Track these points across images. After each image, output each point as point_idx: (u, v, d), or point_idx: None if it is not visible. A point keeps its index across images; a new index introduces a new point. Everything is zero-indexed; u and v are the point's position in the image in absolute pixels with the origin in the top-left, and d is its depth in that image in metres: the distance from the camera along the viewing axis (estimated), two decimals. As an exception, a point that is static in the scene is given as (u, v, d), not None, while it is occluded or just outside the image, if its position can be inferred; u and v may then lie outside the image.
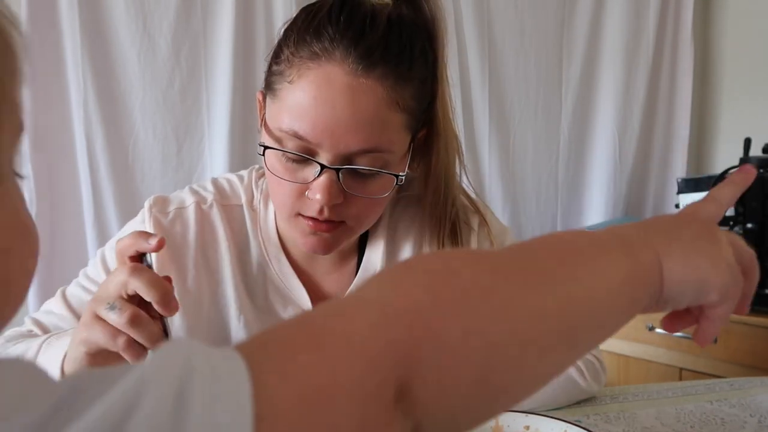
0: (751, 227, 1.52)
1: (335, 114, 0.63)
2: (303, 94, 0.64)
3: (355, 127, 0.63)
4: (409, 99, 0.67)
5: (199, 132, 1.57)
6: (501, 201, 1.93)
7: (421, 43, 0.69)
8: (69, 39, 1.44)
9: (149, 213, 0.76)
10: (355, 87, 0.63)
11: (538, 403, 0.81)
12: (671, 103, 2.10)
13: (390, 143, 0.67)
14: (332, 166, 0.65)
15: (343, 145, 0.64)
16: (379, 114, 0.64)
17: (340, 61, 0.63)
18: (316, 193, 0.66)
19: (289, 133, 0.65)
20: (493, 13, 1.87)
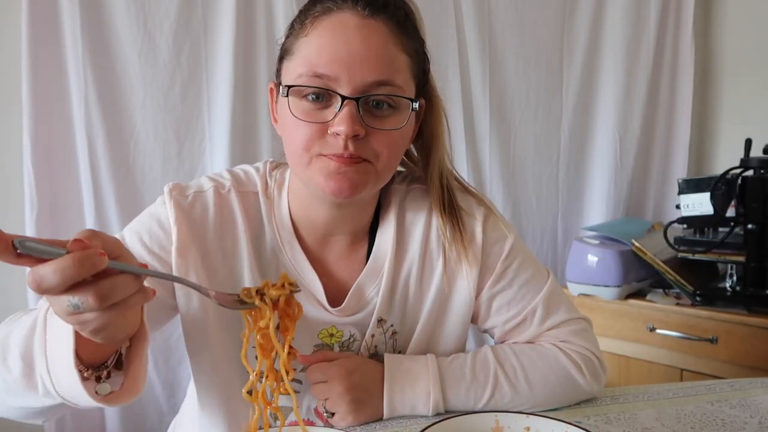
0: (751, 228, 1.52)
1: (350, 49, 0.69)
2: (319, 38, 0.71)
3: (368, 60, 0.70)
4: (411, 48, 0.75)
5: (199, 132, 1.57)
6: (501, 201, 1.93)
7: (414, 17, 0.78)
8: (70, 39, 1.44)
9: (169, 196, 0.78)
10: (365, 26, 0.71)
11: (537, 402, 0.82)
12: (672, 103, 2.10)
13: (400, 78, 0.72)
14: (352, 97, 0.69)
15: (359, 76, 0.70)
16: (389, 49, 0.72)
17: (350, 8, 0.71)
18: (339, 125, 0.69)
19: (309, 75, 0.70)
20: (493, 14, 1.87)
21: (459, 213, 0.85)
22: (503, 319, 0.87)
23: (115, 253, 0.52)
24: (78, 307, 0.50)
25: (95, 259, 0.49)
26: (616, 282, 1.66)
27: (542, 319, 0.86)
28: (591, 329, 0.90)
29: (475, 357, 0.84)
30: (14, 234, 0.51)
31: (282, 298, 0.62)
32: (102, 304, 0.50)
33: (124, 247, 0.54)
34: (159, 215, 0.79)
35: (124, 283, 0.52)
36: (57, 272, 0.48)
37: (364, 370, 0.80)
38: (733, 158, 1.60)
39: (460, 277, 0.85)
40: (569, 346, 0.85)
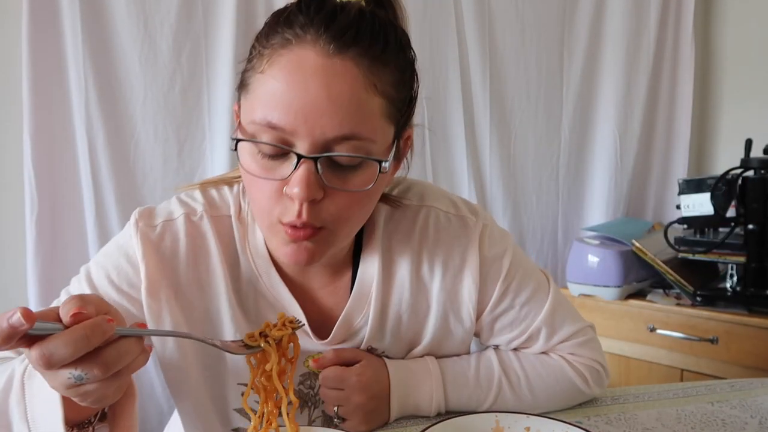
0: (751, 228, 1.52)
1: (309, 97, 0.59)
2: (275, 81, 0.60)
3: (330, 110, 0.59)
4: (388, 85, 0.63)
5: (200, 133, 1.57)
6: (502, 201, 1.93)
7: (396, 36, 0.65)
8: (70, 40, 1.44)
9: (135, 228, 0.72)
10: (328, 67, 0.59)
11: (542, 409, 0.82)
12: (672, 103, 2.10)
13: (370, 130, 0.62)
14: (309, 156, 0.60)
15: (319, 130, 0.59)
16: (356, 96, 0.60)
17: (312, 43, 0.60)
18: (294, 186, 0.60)
19: (262, 124, 0.60)
20: (494, 13, 1.87)
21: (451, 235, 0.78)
22: (507, 339, 0.84)
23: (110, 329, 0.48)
24: (81, 378, 0.47)
25: (104, 326, 0.47)
26: (616, 282, 1.66)
27: (548, 337, 0.82)
28: (596, 337, 0.88)
29: (479, 361, 0.82)
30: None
31: (285, 338, 0.61)
32: (107, 373, 0.47)
33: (111, 306, 0.52)
34: (127, 249, 0.72)
35: (128, 347, 0.49)
36: (68, 345, 0.45)
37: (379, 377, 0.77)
38: (734, 158, 1.60)
39: (457, 301, 0.79)
40: (576, 359, 0.84)
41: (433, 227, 0.78)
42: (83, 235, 1.50)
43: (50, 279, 1.46)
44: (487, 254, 0.78)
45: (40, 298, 1.45)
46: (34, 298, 1.44)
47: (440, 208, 0.79)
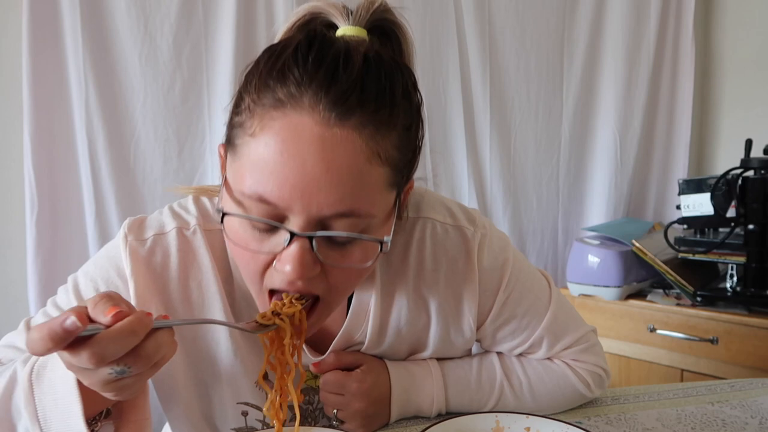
0: (751, 228, 1.52)
1: (305, 171, 0.53)
2: (267, 149, 0.54)
3: (328, 186, 0.53)
4: (392, 149, 0.57)
5: (200, 134, 1.57)
6: (502, 201, 1.93)
7: (403, 83, 0.59)
8: (70, 40, 1.44)
9: (125, 242, 0.69)
10: (327, 139, 0.53)
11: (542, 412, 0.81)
12: (672, 103, 2.10)
13: (371, 204, 0.57)
14: (304, 234, 0.55)
15: (315, 207, 0.54)
16: (357, 169, 0.54)
17: (309, 109, 0.53)
18: (285, 264, 0.56)
19: (252, 197, 0.55)
20: (494, 13, 1.87)
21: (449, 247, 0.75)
22: (509, 347, 0.83)
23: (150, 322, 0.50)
24: (124, 372, 0.48)
25: (146, 320, 0.48)
26: (616, 282, 1.66)
27: (550, 345, 0.82)
28: (598, 341, 0.87)
29: (481, 364, 0.82)
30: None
31: (296, 314, 0.60)
32: (148, 365, 0.48)
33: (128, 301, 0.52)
34: (117, 261, 0.69)
35: (164, 338, 0.50)
36: (117, 342, 0.46)
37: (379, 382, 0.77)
38: (734, 159, 1.60)
39: (457, 314, 0.77)
40: (579, 365, 0.83)
41: (430, 239, 0.74)
42: (83, 235, 1.50)
43: (50, 279, 1.46)
44: (486, 265, 0.75)
45: (40, 298, 1.45)
46: (35, 297, 1.44)
47: (437, 219, 0.75)
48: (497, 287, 0.77)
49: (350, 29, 0.62)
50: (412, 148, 0.62)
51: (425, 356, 0.80)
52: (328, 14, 0.64)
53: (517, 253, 0.80)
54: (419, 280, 0.75)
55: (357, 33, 0.62)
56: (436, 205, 0.77)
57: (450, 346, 0.79)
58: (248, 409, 0.74)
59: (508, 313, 0.79)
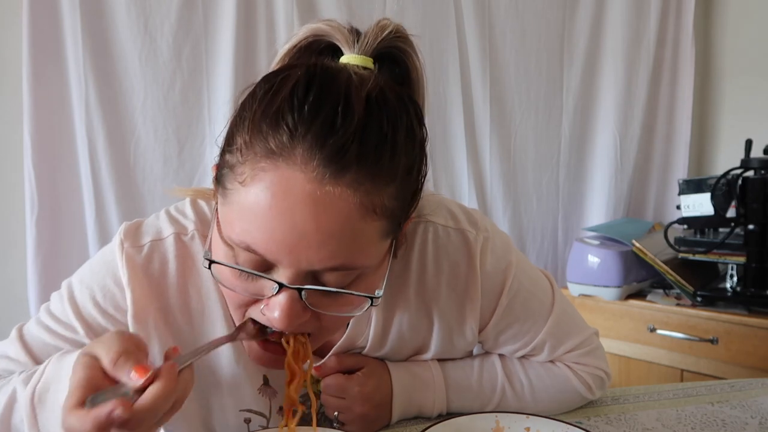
0: (752, 228, 1.52)
1: (294, 228, 0.51)
2: (256, 201, 0.52)
3: (318, 244, 0.52)
4: (390, 200, 0.54)
5: (200, 133, 1.57)
6: (502, 202, 1.93)
7: (407, 123, 0.56)
8: (70, 40, 1.44)
9: (121, 249, 0.67)
10: (319, 197, 0.50)
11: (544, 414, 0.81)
12: (672, 103, 2.10)
13: (363, 258, 0.55)
14: (292, 286, 0.54)
15: (305, 262, 0.53)
16: (350, 228, 0.52)
17: (302, 165, 0.50)
18: (274, 311, 0.55)
19: (240, 245, 0.54)
20: (494, 14, 1.87)
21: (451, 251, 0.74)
22: (511, 350, 0.82)
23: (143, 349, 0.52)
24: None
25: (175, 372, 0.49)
26: (616, 282, 1.66)
27: (552, 349, 0.81)
28: (600, 344, 0.87)
29: (482, 365, 0.81)
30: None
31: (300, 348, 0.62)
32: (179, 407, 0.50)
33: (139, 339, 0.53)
34: (114, 269, 0.67)
35: (188, 376, 0.51)
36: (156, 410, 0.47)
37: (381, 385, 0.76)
38: (734, 159, 1.60)
39: (460, 318, 0.76)
40: (581, 368, 0.83)
41: (432, 244, 0.73)
42: (83, 235, 1.50)
43: (50, 279, 1.46)
44: (488, 269, 0.74)
45: (40, 298, 1.45)
46: (35, 297, 1.44)
47: (438, 222, 0.74)
48: (500, 291, 0.75)
49: (355, 58, 0.59)
50: (412, 190, 0.59)
51: (426, 358, 0.80)
52: (332, 38, 0.61)
53: (520, 256, 0.79)
54: (421, 284, 0.74)
55: (362, 62, 0.59)
56: (437, 208, 0.76)
57: (452, 348, 0.79)
58: (251, 416, 0.74)
59: (511, 317, 0.78)
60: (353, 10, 1.68)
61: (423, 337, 0.77)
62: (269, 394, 0.74)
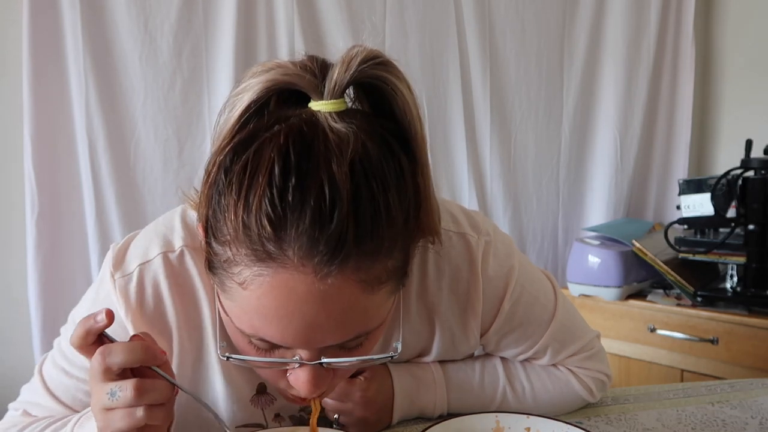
0: (752, 228, 1.52)
1: (305, 321, 0.51)
2: (261, 305, 0.51)
3: (332, 329, 0.53)
4: (393, 262, 0.54)
5: (200, 134, 1.57)
6: (502, 202, 1.93)
7: (395, 167, 0.53)
8: (71, 40, 1.44)
9: (113, 283, 0.66)
10: (324, 292, 0.50)
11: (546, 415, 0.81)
12: (672, 104, 2.10)
13: (376, 321, 0.56)
14: (312, 363, 0.55)
15: (321, 343, 0.54)
16: (360, 306, 0.53)
17: (300, 266, 0.49)
18: (298, 382, 0.57)
19: (254, 336, 0.55)
20: (494, 14, 1.87)
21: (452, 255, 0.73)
22: (513, 353, 0.82)
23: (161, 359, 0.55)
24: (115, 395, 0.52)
25: (157, 352, 0.54)
26: (616, 283, 1.66)
27: (555, 353, 0.80)
28: (602, 347, 0.86)
29: (484, 368, 0.81)
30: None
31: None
32: (138, 399, 0.52)
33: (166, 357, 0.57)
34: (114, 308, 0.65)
35: (162, 387, 0.54)
36: (125, 352, 0.53)
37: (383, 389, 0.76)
38: (734, 159, 1.60)
39: (462, 322, 0.75)
40: (583, 372, 0.83)
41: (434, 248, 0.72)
42: (83, 235, 1.50)
43: (50, 279, 1.46)
44: (490, 274, 0.73)
45: (40, 298, 1.45)
46: (35, 298, 1.44)
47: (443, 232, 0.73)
48: (502, 295, 0.75)
49: (325, 105, 0.53)
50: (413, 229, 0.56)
51: (428, 361, 0.79)
52: (295, 86, 0.54)
53: (522, 259, 0.78)
54: (422, 288, 0.73)
55: (334, 108, 0.53)
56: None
57: (453, 352, 0.79)
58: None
59: (513, 322, 0.77)
60: (353, 10, 1.68)
61: (425, 341, 0.77)
62: (263, 403, 0.74)
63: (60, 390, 0.70)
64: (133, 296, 0.66)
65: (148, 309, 0.67)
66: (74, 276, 1.50)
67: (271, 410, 0.74)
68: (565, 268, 1.80)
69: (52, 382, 0.70)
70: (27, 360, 1.47)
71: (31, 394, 0.72)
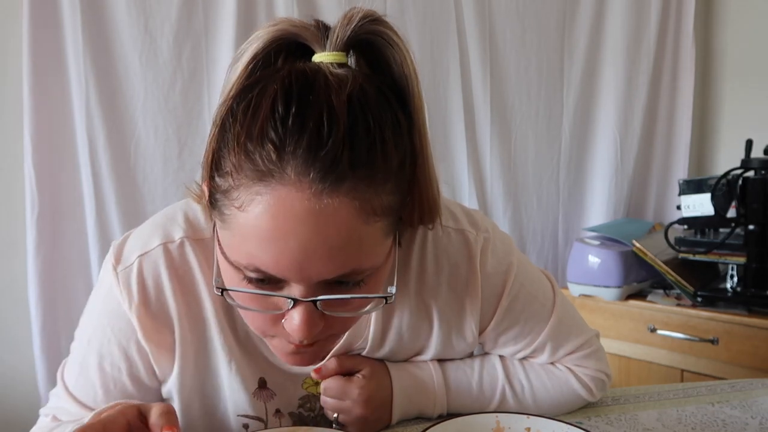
0: (752, 229, 1.52)
1: (300, 245, 0.51)
2: (258, 225, 0.52)
3: (326, 257, 0.52)
4: (388, 197, 0.54)
5: (201, 134, 1.57)
6: (502, 202, 1.93)
7: (391, 117, 0.55)
8: (71, 40, 1.44)
9: (116, 278, 0.67)
10: (319, 212, 0.50)
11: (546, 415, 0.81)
12: (672, 104, 2.10)
13: (371, 259, 0.56)
14: (306, 299, 0.55)
15: (315, 275, 0.53)
16: (355, 234, 0.52)
17: (297, 182, 0.50)
18: (292, 324, 0.56)
19: (249, 267, 0.54)
20: (494, 14, 1.87)
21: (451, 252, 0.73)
22: (511, 351, 0.82)
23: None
24: None
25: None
26: (616, 283, 1.66)
27: (553, 350, 0.81)
28: (601, 346, 0.86)
29: (483, 367, 0.81)
30: None
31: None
32: None
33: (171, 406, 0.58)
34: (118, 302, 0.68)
35: None
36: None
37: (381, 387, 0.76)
38: (734, 159, 1.60)
39: (460, 319, 0.76)
40: (582, 370, 0.83)
41: (432, 243, 0.73)
42: (83, 235, 1.50)
43: (50, 279, 1.46)
44: (489, 271, 0.74)
45: (40, 298, 1.45)
46: (34, 298, 1.45)
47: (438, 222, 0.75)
48: (500, 292, 0.75)
49: (327, 56, 0.56)
50: (407, 178, 0.58)
51: (427, 359, 0.80)
52: (300, 38, 0.58)
53: (520, 257, 0.79)
54: (421, 284, 0.74)
55: (336, 59, 0.56)
56: None
57: (451, 349, 0.79)
58: (249, 422, 0.74)
59: (511, 319, 0.77)
60: (353, 10, 1.67)
61: (423, 337, 0.77)
62: (264, 397, 0.74)
63: (79, 392, 0.71)
64: (135, 287, 0.67)
65: (150, 300, 0.68)
66: (74, 276, 1.50)
67: (272, 405, 0.75)
68: (565, 268, 1.80)
69: (73, 386, 0.71)
70: (27, 360, 1.48)
71: (57, 399, 0.73)
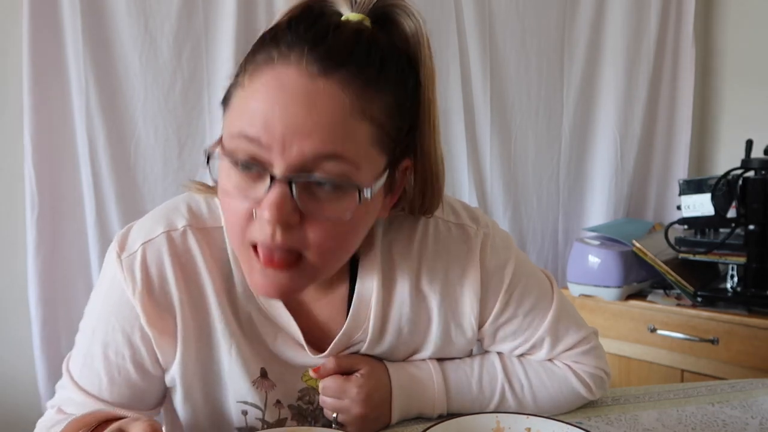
0: (752, 229, 1.52)
1: (287, 117, 0.55)
2: (253, 96, 0.57)
3: (310, 129, 0.55)
4: (379, 112, 0.58)
5: (200, 134, 1.57)
6: (502, 202, 1.93)
7: (397, 64, 0.61)
8: (71, 40, 1.44)
9: (119, 265, 0.69)
10: (310, 90, 0.55)
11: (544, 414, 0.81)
12: (672, 104, 2.10)
13: (353, 154, 0.57)
14: (284, 177, 0.56)
15: (297, 149, 0.55)
16: (340, 118, 0.56)
17: (296, 63, 0.56)
18: (265, 209, 0.57)
19: (237, 136, 0.57)
20: (494, 15, 1.87)
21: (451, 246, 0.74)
22: (510, 347, 0.82)
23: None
24: None
25: None
26: (616, 283, 1.66)
27: (551, 346, 0.81)
28: (599, 343, 0.86)
29: (482, 366, 0.81)
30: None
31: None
32: None
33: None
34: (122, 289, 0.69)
35: None
36: None
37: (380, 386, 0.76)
38: (734, 159, 1.60)
39: (459, 313, 0.77)
40: (581, 367, 0.83)
41: (433, 237, 0.74)
42: (83, 235, 1.50)
43: (50, 279, 1.46)
44: (488, 265, 0.75)
45: (40, 298, 1.45)
46: (34, 298, 1.44)
47: (439, 216, 0.75)
48: (499, 287, 0.76)
49: (354, 16, 0.61)
50: (406, 122, 0.63)
51: (426, 356, 0.80)
52: (329, 2, 0.63)
53: (520, 253, 0.80)
54: (420, 278, 0.75)
55: (359, 19, 0.62)
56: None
57: (451, 345, 0.79)
58: (248, 408, 0.75)
59: (510, 314, 0.78)
60: (353, 10, 1.68)
61: (422, 331, 0.77)
62: (266, 386, 0.74)
63: (85, 381, 0.72)
64: (139, 274, 0.68)
65: (154, 287, 0.69)
66: (74, 276, 1.50)
67: (273, 395, 0.75)
68: (565, 268, 1.80)
69: (78, 376, 0.72)
70: (27, 359, 1.48)
71: (63, 390, 0.74)
